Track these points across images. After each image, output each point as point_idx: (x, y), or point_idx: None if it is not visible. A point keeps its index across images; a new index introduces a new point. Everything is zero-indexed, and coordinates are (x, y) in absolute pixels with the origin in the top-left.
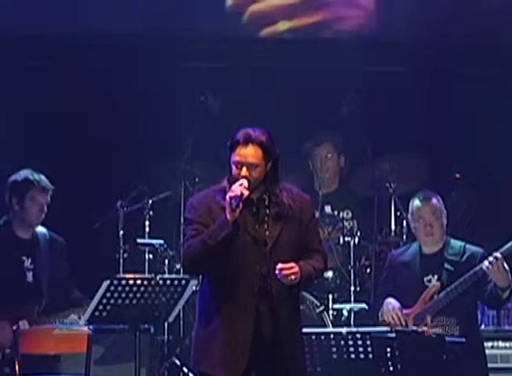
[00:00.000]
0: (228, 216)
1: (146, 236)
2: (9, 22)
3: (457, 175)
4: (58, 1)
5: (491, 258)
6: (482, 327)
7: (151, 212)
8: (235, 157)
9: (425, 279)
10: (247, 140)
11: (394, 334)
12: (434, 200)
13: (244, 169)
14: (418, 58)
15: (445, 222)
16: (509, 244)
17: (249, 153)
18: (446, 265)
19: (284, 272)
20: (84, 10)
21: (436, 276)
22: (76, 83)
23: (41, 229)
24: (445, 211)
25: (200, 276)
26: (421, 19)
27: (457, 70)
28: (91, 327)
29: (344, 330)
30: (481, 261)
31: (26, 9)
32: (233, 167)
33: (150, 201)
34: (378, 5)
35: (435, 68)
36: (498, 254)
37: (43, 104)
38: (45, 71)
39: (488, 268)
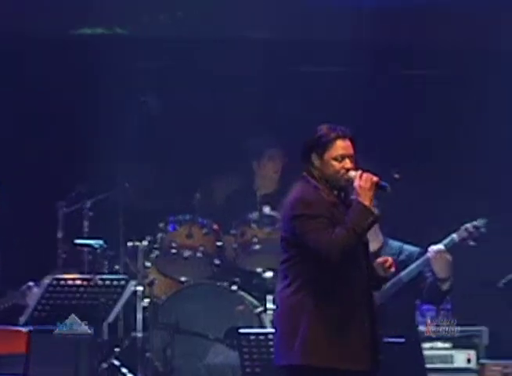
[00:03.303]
0: (367, 203)
1: (86, 236)
2: None
3: (396, 176)
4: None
5: (435, 248)
6: (421, 327)
7: (90, 213)
8: (337, 151)
9: None
10: (345, 134)
11: None
12: None
13: (348, 161)
14: (357, 58)
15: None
16: (449, 238)
17: (349, 145)
18: None
19: (388, 264)
20: (27, 12)
21: None
22: (15, 85)
23: None
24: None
25: (292, 277)
26: (361, 19)
27: (395, 71)
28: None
29: None
30: (418, 259)
31: None
32: (332, 162)
33: (89, 202)
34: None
35: (374, 68)
36: (441, 246)
37: None
38: None
39: (432, 256)
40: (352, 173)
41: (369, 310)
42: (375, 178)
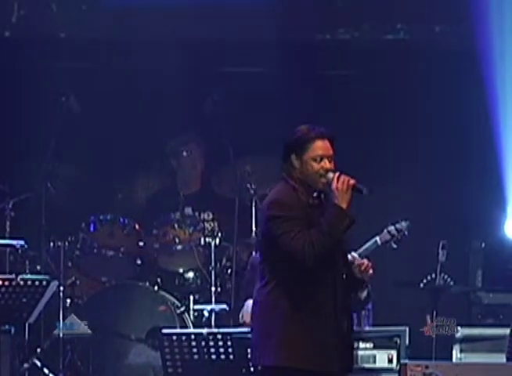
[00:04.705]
0: (344, 205)
1: (7, 236)
2: None
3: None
4: None
5: (350, 257)
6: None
7: (12, 213)
8: (316, 152)
9: None
10: (323, 134)
11: None
12: None
13: (326, 161)
14: (278, 59)
15: None
16: (372, 241)
17: (328, 146)
18: None
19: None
20: None
21: None
22: None
23: None
24: None
25: (269, 277)
26: (287, 20)
27: (315, 71)
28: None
29: (204, 330)
30: None
31: None
32: (311, 163)
33: (11, 202)
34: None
35: (294, 69)
36: (355, 254)
37: None
38: None
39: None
40: (330, 174)
41: (346, 312)
42: (352, 181)
